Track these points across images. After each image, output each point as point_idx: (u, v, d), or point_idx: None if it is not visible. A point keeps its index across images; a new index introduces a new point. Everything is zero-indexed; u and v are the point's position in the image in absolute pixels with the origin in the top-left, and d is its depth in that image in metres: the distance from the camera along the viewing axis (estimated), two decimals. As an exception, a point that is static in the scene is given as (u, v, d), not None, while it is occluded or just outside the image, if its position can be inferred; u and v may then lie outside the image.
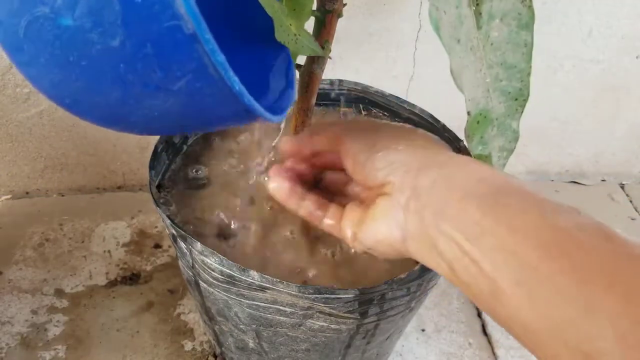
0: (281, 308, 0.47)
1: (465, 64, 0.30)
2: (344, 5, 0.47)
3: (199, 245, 0.45)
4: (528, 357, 0.73)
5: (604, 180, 1.06)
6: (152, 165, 0.53)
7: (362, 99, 0.68)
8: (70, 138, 0.84)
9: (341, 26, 0.48)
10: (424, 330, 0.75)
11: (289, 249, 0.51)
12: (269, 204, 0.54)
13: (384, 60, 0.84)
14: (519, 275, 0.24)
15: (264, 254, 0.51)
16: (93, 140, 0.85)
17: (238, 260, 0.44)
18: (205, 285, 0.49)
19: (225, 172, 0.58)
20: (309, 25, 0.48)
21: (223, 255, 0.44)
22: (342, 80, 0.67)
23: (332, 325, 0.48)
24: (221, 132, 0.63)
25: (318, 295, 0.43)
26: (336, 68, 0.81)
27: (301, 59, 0.53)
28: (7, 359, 0.66)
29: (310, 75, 0.51)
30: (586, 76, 0.91)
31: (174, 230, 0.47)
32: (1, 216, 0.84)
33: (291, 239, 0.52)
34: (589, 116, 0.97)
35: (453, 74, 0.30)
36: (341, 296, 0.44)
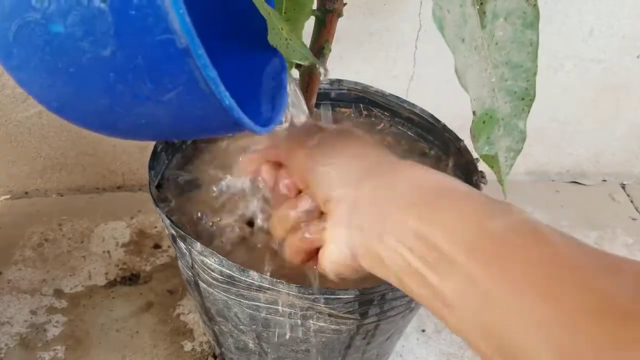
0: (281, 308, 0.46)
1: (469, 63, 0.30)
2: (344, 4, 0.47)
3: (198, 246, 0.45)
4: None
5: (604, 180, 1.06)
6: (152, 165, 0.53)
7: (362, 99, 0.67)
8: (69, 138, 0.83)
9: (341, 26, 0.48)
10: (424, 330, 0.75)
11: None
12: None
13: (384, 60, 0.84)
14: (460, 286, 0.24)
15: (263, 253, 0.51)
16: (92, 140, 0.85)
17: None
18: (204, 285, 0.49)
19: (224, 170, 0.58)
20: (309, 25, 0.48)
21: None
22: (342, 80, 0.67)
23: (332, 326, 0.48)
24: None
25: (318, 296, 0.43)
26: (336, 68, 0.81)
27: (301, 59, 0.53)
28: (7, 359, 0.66)
29: (310, 75, 0.51)
30: (587, 76, 0.91)
31: (173, 231, 0.47)
32: (0, 216, 0.84)
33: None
34: (589, 116, 0.97)
35: (457, 73, 0.30)
36: (341, 297, 0.43)
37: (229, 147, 0.61)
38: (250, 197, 0.43)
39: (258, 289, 0.44)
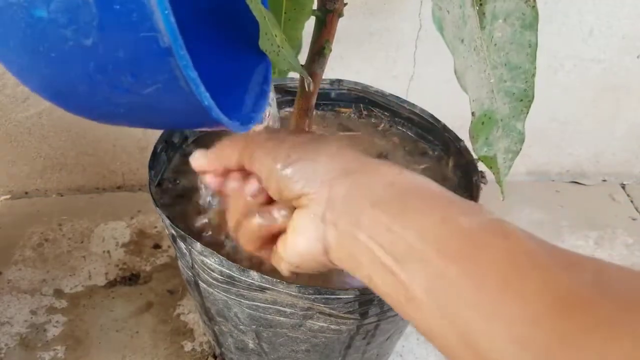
0: (281, 308, 0.46)
1: (469, 64, 0.30)
2: (345, 4, 0.47)
3: (198, 246, 0.45)
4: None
5: (604, 180, 1.06)
6: (152, 165, 0.53)
7: (362, 99, 0.67)
8: (69, 138, 0.83)
9: (342, 26, 0.48)
10: (424, 330, 0.75)
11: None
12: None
13: (384, 60, 0.84)
14: (428, 282, 0.24)
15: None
16: (92, 140, 0.85)
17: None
18: (204, 285, 0.49)
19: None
20: (309, 25, 0.48)
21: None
22: (342, 80, 0.67)
23: (332, 326, 0.48)
24: (219, 133, 0.62)
25: (318, 296, 0.43)
26: (336, 68, 0.81)
27: (301, 59, 0.53)
28: (7, 359, 0.66)
29: (310, 75, 0.51)
30: (587, 76, 0.91)
31: (173, 231, 0.47)
32: (0, 216, 0.84)
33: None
34: (589, 116, 0.97)
35: (457, 73, 0.30)
36: (341, 296, 0.43)
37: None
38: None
39: (258, 289, 0.44)
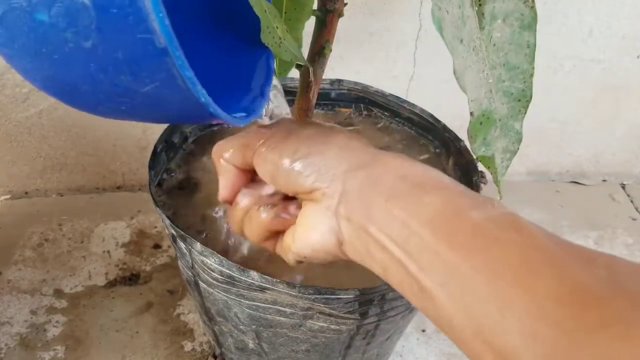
0: (281, 308, 0.46)
1: (468, 65, 0.30)
2: (345, 4, 0.47)
3: (198, 246, 0.45)
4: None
5: (604, 180, 1.06)
6: (152, 165, 0.53)
7: (362, 99, 0.67)
8: (69, 138, 0.83)
9: (342, 26, 0.48)
10: (424, 330, 0.75)
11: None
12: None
13: (384, 60, 0.84)
14: (442, 276, 0.24)
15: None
16: (92, 140, 0.85)
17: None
18: (204, 285, 0.49)
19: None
20: (310, 25, 0.48)
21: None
22: (342, 80, 0.67)
23: (332, 326, 0.48)
24: (219, 133, 0.62)
25: (318, 296, 0.43)
26: (336, 68, 0.81)
27: (301, 59, 0.53)
28: (7, 359, 0.66)
29: (310, 75, 0.51)
30: (586, 76, 0.91)
31: (173, 231, 0.47)
32: (0, 216, 0.84)
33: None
34: (589, 116, 0.97)
35: (456, 74, 0.30)
36: (341, 296, 0.43)
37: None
38: None
39: (258, 289, 0.44)
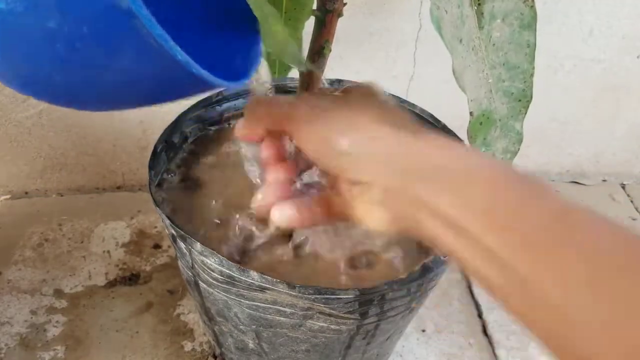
0: (281, 308, 0.46)
1: (467, 64, 0.29)
2: (344, 4, 0.47)
3: (198, 246, 0.45)
4: (528, 358, 0.73)
5: (604, 180, 1.06)
6: (152, 165, 0.53)
7: (362, 99, 0.67)
8: (69, 138, 0.83)
9: (341, 26, 0.48)
10: (424, 330, 0.75)
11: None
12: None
13: (384, 60, 0.84)
14: (500, 277, 0.23)
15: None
16: (92, 140, 0.85)
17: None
18: (204, 285, 0.49)
19: (224, 170, 0.58)
20: (309, 25, 0.48)
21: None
22: (342, 80, 0.67)
23: (332, 326, 0.48)
24: (219, 133, 0.62)
25: (318, 296, 0.43)
26: (336, 68, 0.81)
27: (301, 59, 0.53)
28: (7, 359, 0.66)
29: (310, 75, 0.51)
30: (587, 76, 0.91)
31: (173, 231, 0.47)
32: (0, 216, 0.84)
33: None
34: (589, 116, 0.97)
35: (455, 74, 0.30)
36: (341, 296, 0.43)
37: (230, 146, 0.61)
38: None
39: (258, 289, 0.44)
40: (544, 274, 0.22)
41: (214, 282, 0.47)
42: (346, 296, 0.43)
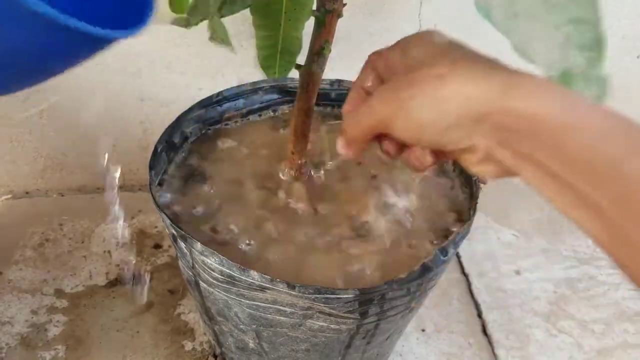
0: (281, 308, 0.46)
1: (529, 36, 0.29)
2: (344, 5, 0.47)
3: (199, 246, 0.45)
4: (528, 357, 0.73)
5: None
6: (152, 165, 0.53)
7: (362, 99, 0.67)
8: (70, 138, 0.84)
9: (341, 26, 0.48)
10: (424, 330, 0.75)
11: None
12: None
13: (384, 60, 0.84)
14: (605, 234, 0.25)
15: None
16: (93, 140, 0.85)
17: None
18: (205, 285, 0.49)
19: (224, 170, 0.58)
20: (309, 25, 0.48)
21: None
22: (342, 81, 0.67)
23: (332, 326, 0.48)
24: (219, 133, 0.63)
25: (318, 295, 0.43)
26: (336, 68, 0.81)
27: (301, 59, 0.53)
28: (7, 359, 0.66)
29: (310, 75, 0.51)
30: (586, 76, 0.91)
31: (174, 230, 0.47)
32: (1, 216, 0.84)
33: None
34: (589, 116, 0.97)
35: (518, 51, 0.29)
36: (341, 296, 0.44)
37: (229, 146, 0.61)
38: None
39: (258, 288, 0.44)
40: None
41: (215, 282, 0.47)
42: (346, 296, 0.44)
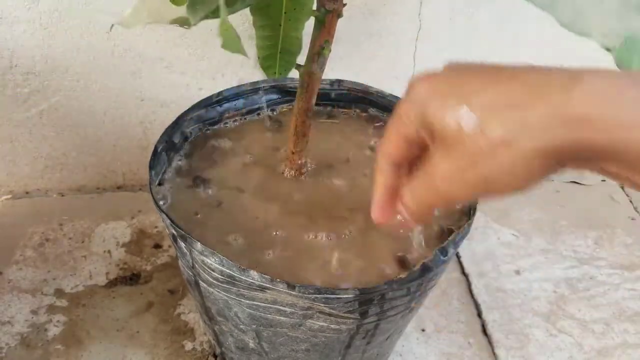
0: (281, 308, 0.47)
1: (578, 8, 0.28)
2: (344, 5, 0.47)
3: (199, 245, 0.45)
4: (528, 357, 0.73)
5: (604, 180, 1.06)
6: (152, 165, 0.53)
7: (362, 99, 0.68)
8: (70, 138, 0.84)
9: (341, 26, 0.48)
10: (424, 330, 0.75)
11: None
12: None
13: (384, 61, 0.84)
14: None
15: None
16: (93, 140, 0.85)
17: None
18: (205, 285, 0.50)
19: (224, 170, 0.58)
20: (309, 25, 0.48)
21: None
22: (342, 80, 0.67)
23: (332, 325, 0.48)
24: (218, 133, 0.63)
25: (318, 295, 0.43)
26: (336, 68, 0.81)
27: (301, 59, 0.53)
28: (7, 359, 0.66)
29: (310, 75, 0.51)
30: (586, 76, 0.91)
31: (174, 230, 0.47)
32: (1, 216, 0.84)
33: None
34: (589, 116, 0.97)
35: (566, 26, 0.28)
36: (341, 296, 0.44)
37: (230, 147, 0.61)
38: None
39: (258, 288, 0.44)
40: None
41: (214, 282, 0.47)
42: (346, 295, 0.44)
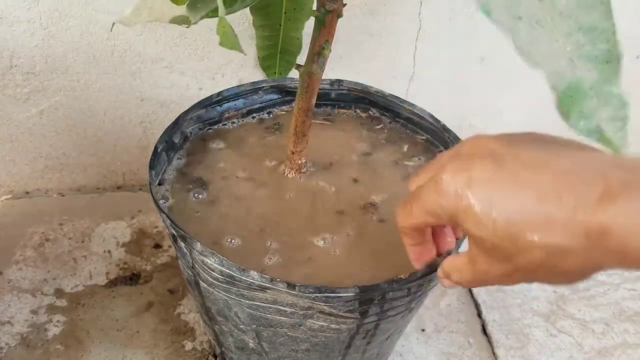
0: (281, 308, 0.47)
1: (534, 39, 0.27)
2: (344, 5, 0.47)
3: (199, 245, 0.45)
4: (528, 357, 0.73)
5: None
6: (152, 165, 0.53)
7: (362, 99, 0.68)
8: (70, 138, 0.84)
9: (341, 26, 0.48)
10: (424, 330, 0.75)
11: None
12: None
13: (384, 60, 0.84)
14: None
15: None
16: (93, 140, 0.85)
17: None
18: (205, 285, 0.50)
19: (224, 170, 0.58)
20: (309, 25, 0.48)
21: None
22: (342, 80, 0.67)
23: (332, 325, 0.48)
24: (218, 133, 0.63)
25: (318, 295, 0.43)
26: (336, 68, 0.81)
27: (301, 59, 0.53)
28: (7, 359, 0.66)
29: (310, 75, 0.51)
30: (586, 76, 0.91)
31: (174, 230, 0.47)
32: (1, 216, 0.84)
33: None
34: (589, 116, 0.97)
35: (521, 53, 0.28)
36: (341, 295, 0.44)
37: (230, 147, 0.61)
38: None
39: (258, 288, 0.44)
40: None
41: (214, 282, 0.47)
42: (346, 294, 0.44)
